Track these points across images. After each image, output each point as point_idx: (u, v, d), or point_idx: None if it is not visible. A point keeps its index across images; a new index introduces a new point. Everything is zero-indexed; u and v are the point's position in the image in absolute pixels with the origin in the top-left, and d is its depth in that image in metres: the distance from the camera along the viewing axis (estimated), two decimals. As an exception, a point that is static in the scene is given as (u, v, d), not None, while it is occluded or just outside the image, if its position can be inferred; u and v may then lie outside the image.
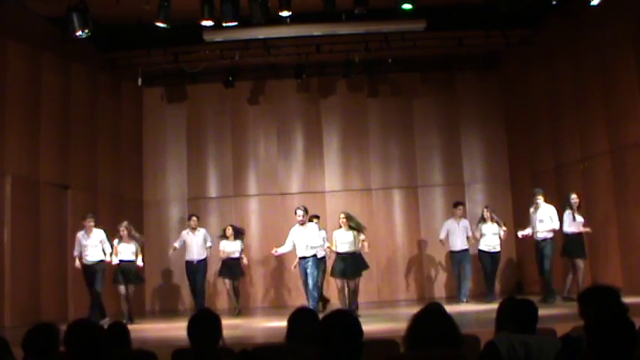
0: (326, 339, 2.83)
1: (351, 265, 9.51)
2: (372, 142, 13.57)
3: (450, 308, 3.65)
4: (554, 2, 9.98)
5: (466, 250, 11.39)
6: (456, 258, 11.47)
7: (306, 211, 10.11)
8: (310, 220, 10.34)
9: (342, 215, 9.72)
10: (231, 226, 11.58)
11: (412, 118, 13.60)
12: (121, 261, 10.19)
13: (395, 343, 4.34)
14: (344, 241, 9.56)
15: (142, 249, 10.79)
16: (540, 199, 10.31)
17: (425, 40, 11.61)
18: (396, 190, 13.52)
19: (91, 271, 10.00)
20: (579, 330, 3.09)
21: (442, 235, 11.59)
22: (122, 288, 10.21)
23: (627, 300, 3.68)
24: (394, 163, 13.55)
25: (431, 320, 3.16)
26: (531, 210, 10.42)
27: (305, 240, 9.92)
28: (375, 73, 12.86)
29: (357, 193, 13.45)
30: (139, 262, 10.38)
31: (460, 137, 13.59)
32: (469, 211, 13.19)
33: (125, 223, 10.35)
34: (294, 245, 10.02)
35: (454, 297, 11.69)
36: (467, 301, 11.07)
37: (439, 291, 13.04)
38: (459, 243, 11.39)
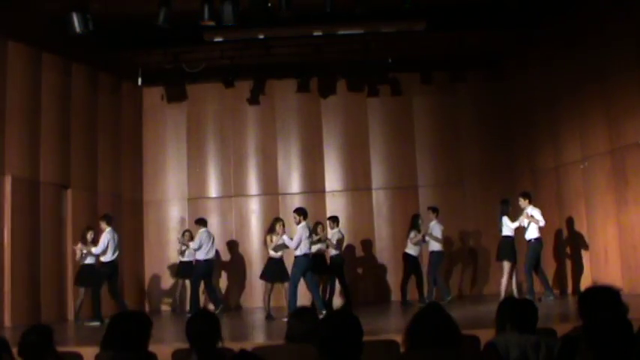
0: (326, 339, 2.83)
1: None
2: (372, 142, 13.55)
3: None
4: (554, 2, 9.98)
5: None
6: None
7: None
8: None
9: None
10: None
11: (412, 118, 13.59)
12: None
13: (395, 343, 4.34)
14: None
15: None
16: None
17: (425, 40, 11.60)
18: (396, 190, 13.51)
19: None
20: (579, 330, 3.09)
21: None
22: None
23: (627, 300, 3.68)
24: (394, 163, 13.54)
25: (431, 320, 3.16)
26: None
27: None
28: (375, 73, 12.85)
29: (357, 193, 13.44)
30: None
31: (460, 137, 13.57)
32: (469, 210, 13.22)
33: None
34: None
35: (454, 297, 11.68)
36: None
37: (439, 291, 13.00)
38: None
